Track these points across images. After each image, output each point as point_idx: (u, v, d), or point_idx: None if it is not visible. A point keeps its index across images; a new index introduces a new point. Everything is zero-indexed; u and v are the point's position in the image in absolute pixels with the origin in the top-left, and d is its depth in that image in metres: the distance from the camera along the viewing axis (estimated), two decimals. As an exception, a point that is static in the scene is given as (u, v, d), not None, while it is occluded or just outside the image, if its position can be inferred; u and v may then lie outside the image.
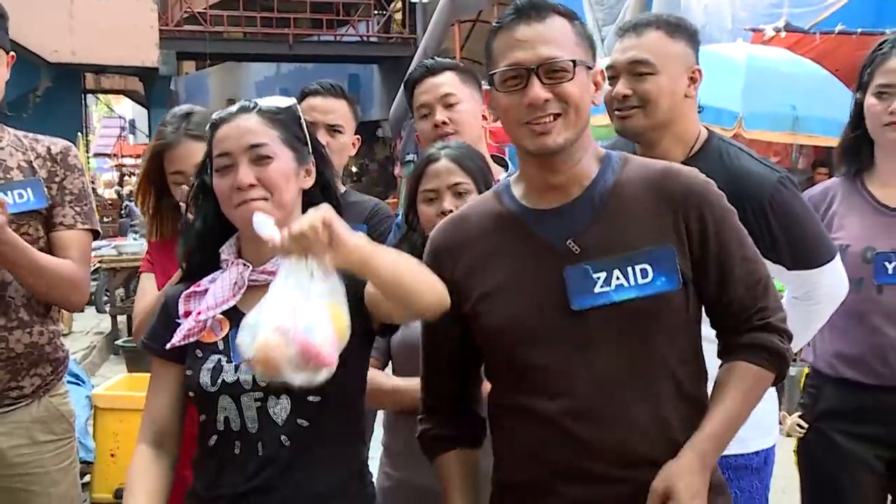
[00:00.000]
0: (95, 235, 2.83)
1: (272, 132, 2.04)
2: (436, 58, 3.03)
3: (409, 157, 15.24)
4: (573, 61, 1.88)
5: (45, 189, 2.73)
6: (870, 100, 2.76)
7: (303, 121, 2.11)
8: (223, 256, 2.10)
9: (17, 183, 2.68)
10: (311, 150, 2.11)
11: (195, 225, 2.12)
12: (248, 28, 21.31)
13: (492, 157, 2.87)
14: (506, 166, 2.92)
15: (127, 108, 36.18)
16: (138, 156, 32.33)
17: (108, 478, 4.94)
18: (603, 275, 1.87)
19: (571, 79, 1.88)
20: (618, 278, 1.86)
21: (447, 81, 2.85)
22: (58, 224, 2.75)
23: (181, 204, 2.63)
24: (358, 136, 3.22)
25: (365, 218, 3.05)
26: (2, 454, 2.69)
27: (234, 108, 2.10)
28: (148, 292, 2.73)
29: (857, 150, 2.83)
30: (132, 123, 34.25)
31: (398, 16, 21.83)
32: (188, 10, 20.42)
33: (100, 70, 21.59)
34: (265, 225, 1.85)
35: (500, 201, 2.01)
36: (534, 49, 1.88)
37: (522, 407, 1.91)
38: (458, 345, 2.02)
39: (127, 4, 18.24)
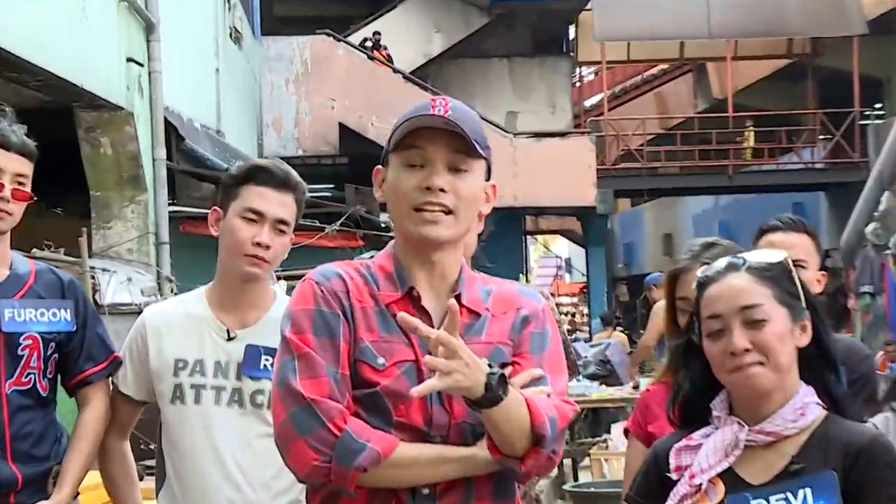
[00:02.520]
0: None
1: (764, 290, 2.00)
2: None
3: (865, 288, 14.37)
4: None
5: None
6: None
7: (794, 274, 2.05)
8: (715, 412, 2.06)
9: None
10: (805, 305, 2.04)
11: (684, 387, 2.12)
12: (685, 162, 21.47)
13: None
14: None
15: (562, 247, 37.62)
16: (574, 294, 33.49)
17: None
18: None
19: None
20: None
21: None
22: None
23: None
24: (823, 273, 3.11)
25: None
26: None
27: (721, 266, 2.07)
28: (631, 461, 2.74)
29: None
30: (568, 262, 35.47)
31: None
32: (625, 147, 20.96)
33: (539, 212, 22.65)
34: None
35: None
36: None
37: None
38: None
39: (566, 147, 19.08)
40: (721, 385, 2.06)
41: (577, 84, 24.81)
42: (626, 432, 2.83)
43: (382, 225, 13.08)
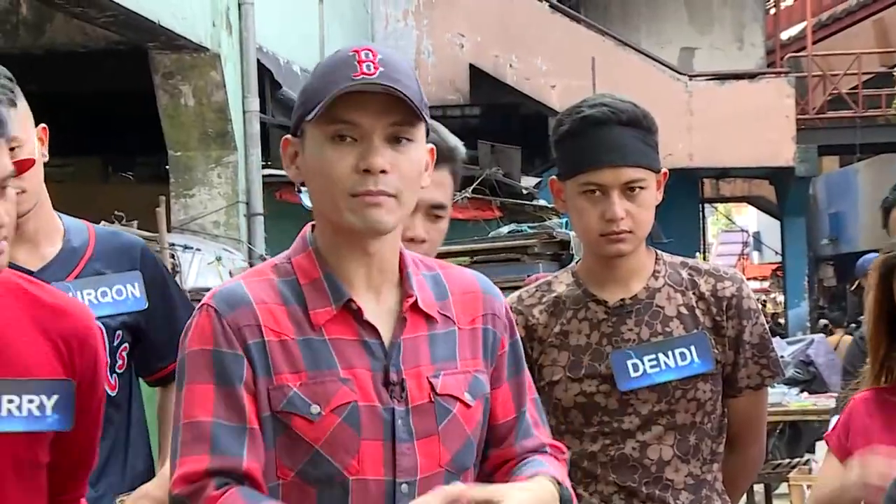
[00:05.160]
0: None
1: None
2: None
3: None
4: None
5: (710, 344, 2.78)
6: None
7: None
8: None
9: (678, 341, 2.74)
10: None
11: None
12: (911, 108, 20.83)
13: None
14: None
15: (750, 218, 37.01)
16: (764, 277, 32.88)
17: None
18: None
19: None
20: None
21: None
22: (743, 388, 2.83)
23: None
24: None
25: None
26: None
27: None
28: (824, 480, 2.78)
29: None
30: (756, 237, 34.92)
31: None
32: (834, 91, 20.44)
33: (721, 174, 22.28)
34: None
35: None
36: None
37: None
38: None
39: (757, 92, 18.71)
40: None
41: (772, 11, 24.29)
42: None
43: (524, 191, 13.05)
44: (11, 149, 2.69)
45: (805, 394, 10.42)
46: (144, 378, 3.06)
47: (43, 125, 2.94)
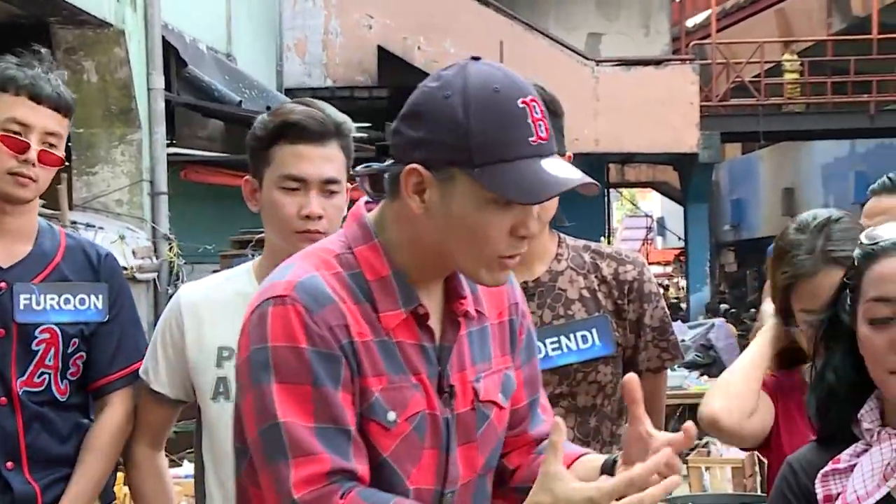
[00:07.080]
0: None
1: None
2: None
3: None
4: None
5: (612, 328, 2.82)
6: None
7: None
8: (865, 425, 2.08)
9: (580, 324, 2.78)
10: None
11: (825, 377, 2.12)
12: (813, 98, 21.15)
13: None
14: None
15: (654, 203, 37.41)
16: (667, 262, 33.24)
17: None
18: None
19: None
20: None
21: None
22: (643, 371, 2.87)
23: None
24: None
25: None
26: None
27: None
28: None
29: None
30: (661, 222, 35.31)
31: None
32: (737, 79, 20.70)
33: (626, 160, 22.47)
34: None
35: None
36: None
37: None
38: None
39: (662, 78, 18.88)
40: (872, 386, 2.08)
41: (678, -2, 24.51)
42: None
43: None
44: (52, 144, 2.87)
45: (705, 377, 10.59)
46: (85, 386, 3.05)
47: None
